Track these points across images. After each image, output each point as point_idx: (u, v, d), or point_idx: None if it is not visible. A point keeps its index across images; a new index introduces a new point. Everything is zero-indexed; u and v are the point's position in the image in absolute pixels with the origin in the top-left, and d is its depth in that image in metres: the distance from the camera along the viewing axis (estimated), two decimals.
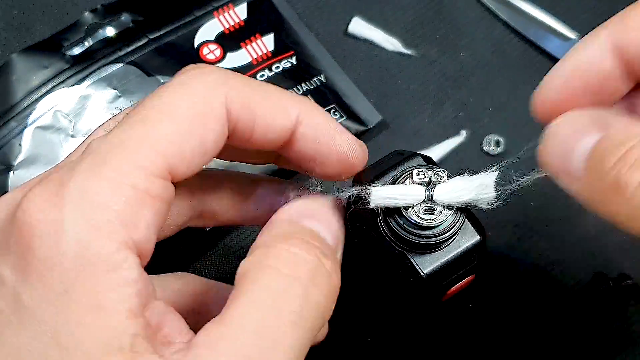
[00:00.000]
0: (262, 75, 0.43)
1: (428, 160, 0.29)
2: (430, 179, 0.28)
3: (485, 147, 0.45)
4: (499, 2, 0.48)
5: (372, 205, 0.27)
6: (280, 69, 0.44)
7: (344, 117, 0.43)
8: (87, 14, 0.43)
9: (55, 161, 0.39)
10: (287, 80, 0.43)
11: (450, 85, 0.46)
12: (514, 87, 0.46)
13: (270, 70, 0.44)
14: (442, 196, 0.27)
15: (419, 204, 0.27)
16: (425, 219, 0.27)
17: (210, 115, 0.25)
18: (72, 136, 0.40)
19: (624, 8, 0.25)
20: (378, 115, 0.44)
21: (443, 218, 0.27)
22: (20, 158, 0.39)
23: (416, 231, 0.27)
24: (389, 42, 0.47)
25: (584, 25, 0.47)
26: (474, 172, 0.28)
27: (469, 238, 0.29)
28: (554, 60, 0.47)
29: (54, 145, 0.40)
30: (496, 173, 0.27)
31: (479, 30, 0.47)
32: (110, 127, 0.26)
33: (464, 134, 0.45)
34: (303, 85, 0.43)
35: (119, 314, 0.23)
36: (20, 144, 0.39)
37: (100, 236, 0.23)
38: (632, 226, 0.22)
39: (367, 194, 0.27)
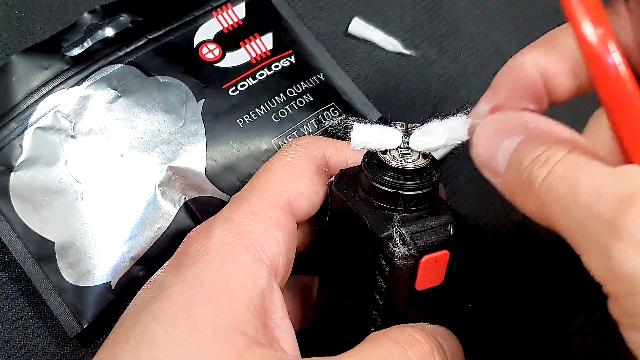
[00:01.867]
0: (261, 74, 0.43)
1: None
2: (406, 127, 0.30)
3: None
4: None
5: (352, 145, 0.30)
6: (279, 67, 0.44)
7: (343, 115, 0.43)
8: (86, 14, 0.43)
9: (56, 162, 0.40)
10: (286, 79, 0.43)
11: (450, 86, 0.46)
12: None
13: (270, 69, 0.44)
14: (417, 140, 0.30)
15: (396, 148, 0.30)
16: (399, 160, 0.29)
17: (314, 162, 0.33)
18: (73, 137, 0.40)
19: None
20: (377, 112, 0.44)
21: (419, 162, 0.29)
22: (21, 159, 0.39)
23: (390, 174, 0.29)
24: (389, 43, 0.47)
25: None
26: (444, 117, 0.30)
27: (444, 216, 0.30)
28: None
29: (54, 146, 0.40)
30: (465, 116, 0.29)
31: (479, 30, 0.47)
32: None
33: None
34: (302, 83, 0.43)
35: (246, 307, 0.27)
36: (20, 145, 0.39)
37: (240, 245, 0.28)
38: (540, 218, 0.25)
39: (350, 126, 0.30)
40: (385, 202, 0.29)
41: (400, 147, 0.30)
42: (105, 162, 0.40)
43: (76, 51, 0.42)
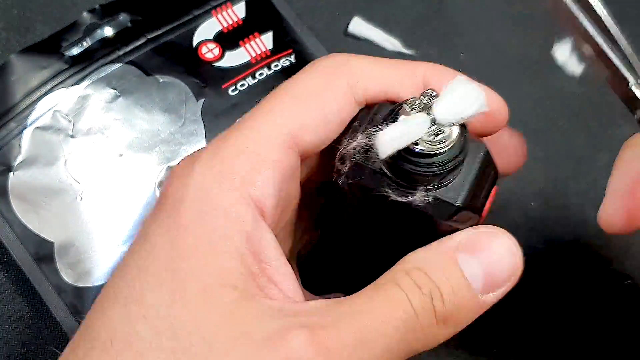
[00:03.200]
0: (261, 74, 0.43)
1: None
2: (423, 103, 0.26)
3: None
4: None
5: (382, 156, 0.26)
6: (279, 67, 0.44)
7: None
8: (85, 14, 0.43)
9: (55, 162, 0.39)
10: (286, 78, 0.43)
11: None
12: (514, 87, 0.46)
13: (269, 68, 0.44)
14: (445, 113, 0.26)
15: (427, 132, 0.26)
16: (439, 143, 0.26)
17: (330, 88, 0.28)
18: (72, 136, 0.40)
19: None
20: None
21: (453, 137, 0.26)
22: (20, 159, 0.39)
23: (432, 161, 0.26)
24: (389, 42, 0.47)
25: None
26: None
27: (477, 151, 0.28)
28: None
29: (53, 146, 0.40)
30: (463, 76, 0.27)
31: (479, 30, 0.47)
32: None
33: None
34: None
35: (231, 257, 0.25)
36: (20, 145, 0.39)
37: (220, 187, 0.26)
38: None
39: (372, 141, 0.26)
40: (430, 182, 0.27)
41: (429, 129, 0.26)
42: (104, 161, 0.40)
43: (75, 51, 0.42)
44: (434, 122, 0.25)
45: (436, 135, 0.26)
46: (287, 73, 0.43)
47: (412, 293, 0.25)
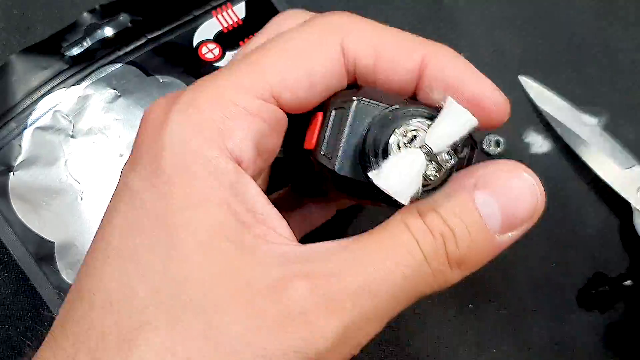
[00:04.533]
0: None
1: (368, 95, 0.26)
2: (413, 134, 0.25)
3: (485, 147, 0.45)
4: None
5: (402, 200, 0.24)
6: None
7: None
8: (85, 14, 0.43)
9: (55, 162, 0.39)
10: None
11: None
12: (514, 88, 0.46)
13: None
14: (437, 140, 0.24)
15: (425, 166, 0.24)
16: (437, 173, 0.25)
17: (319, 49, 0.27)
18: (72, 136, 0.40)
19: None
20: None
21: (451, 160, 0.25)
22: (20, 159, 0.39)
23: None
24: None
25: None
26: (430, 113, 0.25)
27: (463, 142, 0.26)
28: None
29: (54, 146, 0.40)
30: (451, 98, 0.24)
31: (479, 30, 0.47)
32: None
33: None
34: None
35: (220, 210, 0.24)
36: (20, 145, 0.39)
37: (199, 139, 0.25)
38: None
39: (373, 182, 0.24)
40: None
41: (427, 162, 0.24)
42: (104, 162, 0.40)
43: (75, 51, 0.42)
44: (429, 153, 0.24)
45: (435, 166, 0.25)
46: None
47: (423, 238, 0.24)
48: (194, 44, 0.44)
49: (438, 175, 0.25)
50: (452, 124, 0.24)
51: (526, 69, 0.46)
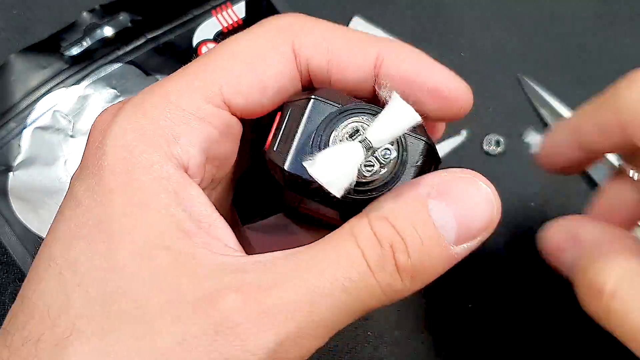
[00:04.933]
0: None
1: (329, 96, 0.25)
2: (354, 129, 0.24)
3: (485, 147, 0.45)
4: None
5: (335, 193, 0.23)
6: None
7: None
8: (85, 14, 0.43)
9: (54, 161, 0.39)
10: None
11: None
12: (514, 88, 0.46)
13: None
14: (379, 134, 0.23)
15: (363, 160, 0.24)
16: (373, 168, 0.24)
17: (270, 52, 0.26)
18: (72, 136, 0.40)
19: None
20: None
21: (390, 155, 0.24)
22: (19, 159, 0.39)
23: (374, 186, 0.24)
24: None
25: None
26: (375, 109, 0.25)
27: (417, 149, 0.25)
28: None
29: (53, 146, 0.40)
30: (396, 94, 0.24)
31: (479, 30, 0.47)
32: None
33: (464, 133, 0.45)
34: None
35: (162, 217, 0.23)
36: (19, 145, 0.39)
37: (143, 144, 0.24)
38: (606, 325, 0.28)
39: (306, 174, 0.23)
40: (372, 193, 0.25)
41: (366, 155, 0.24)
42: None
43: (75, 50, 0.42)
44: (369, 147, 0.24)
45: (369, 162, 0.24)
46: None
47: (370, 248, 0.23)
48: (194, 43, 0.44)
49: (378, 172, 0.24)
50: (394, 119, 0.23)
51: (526, 69, 0.46)
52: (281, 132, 0.26)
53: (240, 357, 0.22)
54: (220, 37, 0.44)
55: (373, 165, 0.24)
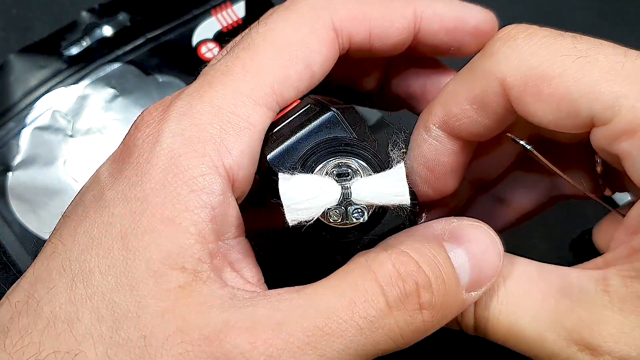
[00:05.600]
0: None
1: (350, 117, 0.25)
2: (346, 171, 0.23)
3: None
4: None
5: (289, 218, 0.22)
6: None
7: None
8: (84, 13, 0.43)
9: (54, 161, 0.39)
10: None
11: None
12: None
13: None
14: (360, 195, 0.23)
15: (335, 206, 0.23)
16: (341, 220, 0.23)
17: (314, 37, 0.25)
18: (71, 136, 0.40)
19: None
20: (377, 112, 0.44)
21: (359, 219, 0.23)
22: (18, 159, 0.39)
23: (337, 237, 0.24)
24: None
25: None
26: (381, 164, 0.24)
27: (394, 220, 0.25)
28: None
29: (52, 146, 0.40)
30: (403, 166, 0.23)
31: None
32: (221, 56, 0.26)
33: None
34: None
35: (188, 234, 0.23)
36: (18, 145, 0.39)
37: (192, 154, 0.23)
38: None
39: (273, 184, 0.23)
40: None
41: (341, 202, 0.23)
42: (103, 161, 0.40)
43: (74, 50, 0.42)
44: (347, 197, 0.23)
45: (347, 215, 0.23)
46: None
47: (391, 285, 0.22)
48: (193, 43, 0.43)
49: (339, 223, 0.23)
50: (385, 189, 0.23)
51: None
52: (288, 120, 0.25)
53: None
54: (220, 36, 0.44)
55: (338, 217, 0.23)
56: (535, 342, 0.24)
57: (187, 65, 0.42)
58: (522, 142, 0.27)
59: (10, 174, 0.39)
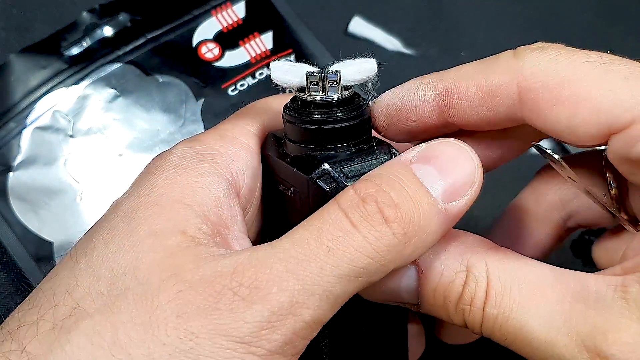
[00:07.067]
0: (260, 74, 0.43)
1: None
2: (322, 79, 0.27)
3: None
4: None
5: (272, 75, 0.28)
6: None
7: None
8: (85, 13, 0.43)
9: (54, 162, 0.39)
10: None
11: None
12: None
13: (270, 68, 0.44)
14: (334, 67, 0.27)
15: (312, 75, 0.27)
16: (320, 94, 0.27)
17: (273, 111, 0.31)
18: (71, 136, 0.40)
19: None
20: None
21: (340, 94, 0.27)
22: (19, 159, 0.39)
23: (313, 110, 0.27)
24: (389, 42, 0.47)
25: None
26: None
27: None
28: None
29: (53, 146, 0.40)
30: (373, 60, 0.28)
31: (479, 29, 0.47)
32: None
33: None
34: None
35: (190, 209, 0.25)
36: (19, 145, 0.39)
37: (199, 158, 0.27)
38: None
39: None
40: (313, 143, 0.27)
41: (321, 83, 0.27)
42: (104, 161, 0.40)
43: (75, 50, 0.42)
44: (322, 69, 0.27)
45: (326, 89, 0.27)
46: None
47: (352, 207, 0.24)
48: (194, 43, 0.44)
49: (318, 94, 0.27)
50: (357, 65, 0.27)
51: None
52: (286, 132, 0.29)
53: (235, 327, 0.23)
54: (220, 37, 0.44)
55: (317, 86, 0.27)
56: (544, 346, 0.25)
57: (188, 66, 0.43)
58: (549, 151, 0.27)
59: (10, 174, 0.39)
